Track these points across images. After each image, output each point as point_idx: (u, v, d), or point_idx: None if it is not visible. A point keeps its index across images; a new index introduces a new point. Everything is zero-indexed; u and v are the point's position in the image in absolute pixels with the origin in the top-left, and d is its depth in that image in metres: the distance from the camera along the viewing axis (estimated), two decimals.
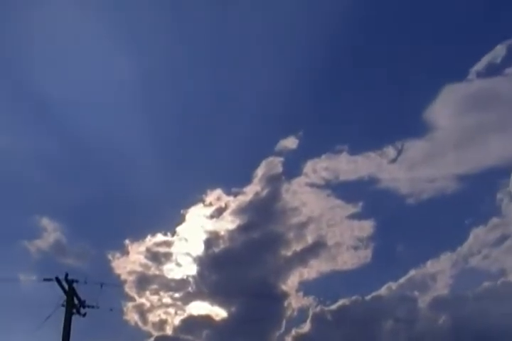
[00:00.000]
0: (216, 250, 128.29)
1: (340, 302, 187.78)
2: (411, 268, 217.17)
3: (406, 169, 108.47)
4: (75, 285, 33.81)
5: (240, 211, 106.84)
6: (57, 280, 33.44)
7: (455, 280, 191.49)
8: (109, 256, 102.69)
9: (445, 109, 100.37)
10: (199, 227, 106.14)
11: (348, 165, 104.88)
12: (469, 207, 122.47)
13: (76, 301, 33.60)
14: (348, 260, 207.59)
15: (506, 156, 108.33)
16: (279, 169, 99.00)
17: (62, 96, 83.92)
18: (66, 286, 33.72)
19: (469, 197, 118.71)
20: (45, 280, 33.27)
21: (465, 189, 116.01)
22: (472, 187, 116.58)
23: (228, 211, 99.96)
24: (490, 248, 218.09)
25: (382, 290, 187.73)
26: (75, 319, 33.49)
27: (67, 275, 33.66)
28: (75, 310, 33.39)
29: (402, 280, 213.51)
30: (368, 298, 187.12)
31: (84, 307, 33.80)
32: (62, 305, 33.35)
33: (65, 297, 33.47)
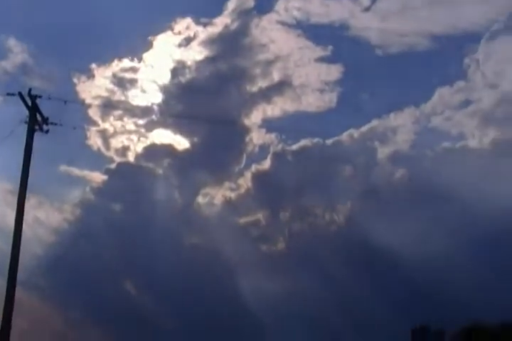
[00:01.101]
0: (182, 80, 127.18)
1: (302, 143, 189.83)
2: (374, 118, 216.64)
3: (379, 20, 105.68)
4: (38, 101, 33.26)
5: (208, 42, 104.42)
6: (21, 95, 32.99)
7: (416, 137, 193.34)
8: (75, 79, 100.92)
9: None
10: (166, 55, 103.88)
11: (320, 8, 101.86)
12: (437, 66, 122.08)
13: (39, 118, 33.23)
14: (312, 102, 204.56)
15: (480, 23, 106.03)
16: (251, 4, 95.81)
17: None
18: (29, 102, 33.18)
19: (438, 57, 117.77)
20: (8, 94, 32.78)
21: (435, 48, 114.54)
22: (442, 47, 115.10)
23: (197, 41, 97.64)
24: (453, 110, 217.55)
25: (344, 136, 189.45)
26: (38, 138, 33.31)
27: (30, 90, 33.18)
28: (37, 127, 33.07)
29: (364, 128, 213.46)
30: (328, 142, 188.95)
31: (47, 124, 33.50)
32: (25, 122, 33.02)
33: (27, 113, 33.04)
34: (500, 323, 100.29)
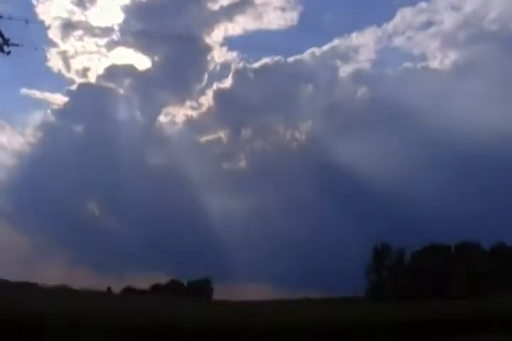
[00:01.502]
0: None
1: (263, 61, 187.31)
2: (335, 36, 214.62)
3: None
4: None
5: None
6: None
7: (377, 56, 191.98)
8: (33, 0, 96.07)
9: None
10: None
11: None
12: None
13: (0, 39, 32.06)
14: (274, 20, 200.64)
15: None
16: None
17: None
18: None
19: None
20: None
21: None
22: None
23: None
24: (415, 31, 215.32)
25: (305, 55, 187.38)
26: None
27: None
28: None
29: (325, 47, 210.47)
30: (290, 60, 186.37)
31: (8, 45, 32.28)
32: None
33: None
34: (460, 243, 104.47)
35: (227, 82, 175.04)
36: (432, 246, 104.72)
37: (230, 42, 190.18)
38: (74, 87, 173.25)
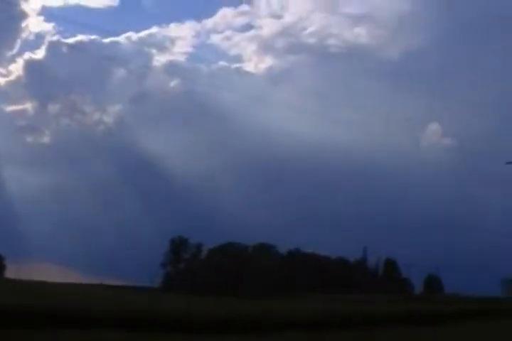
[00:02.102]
0: None
1: (79, 37, 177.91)
2: (155, 24, 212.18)
3: None
4: None
5: None
6: None
7: (193, 51, 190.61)
8: None
9: None
10: None
11: None
12: None
13: None
14: None
15: None
16: None
17: None
18: None
19: None
20: None
21: None
22: None
23: None
24: (234, 31, 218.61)
25: (122, 38, 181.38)
26: None
27: None
28: None
29: (143, 33, 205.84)
30: (106, 41, 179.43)
31: None
32: None
33: None
34: (258, 244, 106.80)
35: (40, 54, 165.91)
36: (229, 244, 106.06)
37: (47, 13, 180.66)
38: None
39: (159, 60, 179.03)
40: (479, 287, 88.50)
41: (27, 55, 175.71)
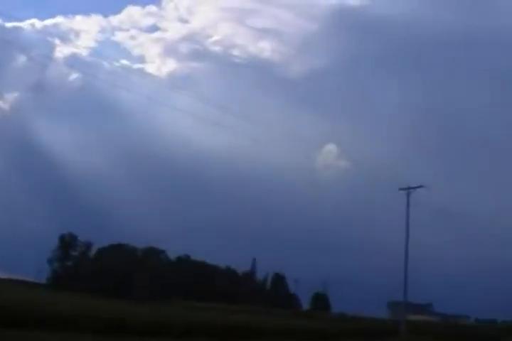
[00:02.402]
0: None
1: None
2: (60, 14, 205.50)
3: None
4: None
5: None
6: None
7: (97, 46, 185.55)
8: None
9: None
10: None
11: None
12: None
13: None
14: None
15: None
16: None
17: None
18: None
19: None
20: None
21: None
22: None
23: None
24: (139, 31, 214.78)
25: (25, 24, 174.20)
26: None
27: None
28: None
29: (48, 22, 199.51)
30: (9, 25, 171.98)
31: None
32: None
33: None
34: (149, 247, 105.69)
35: None
36: (119, 245, 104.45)
37: None
38: None
39: (62, 51, 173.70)
40: (367, 308, 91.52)
41: None
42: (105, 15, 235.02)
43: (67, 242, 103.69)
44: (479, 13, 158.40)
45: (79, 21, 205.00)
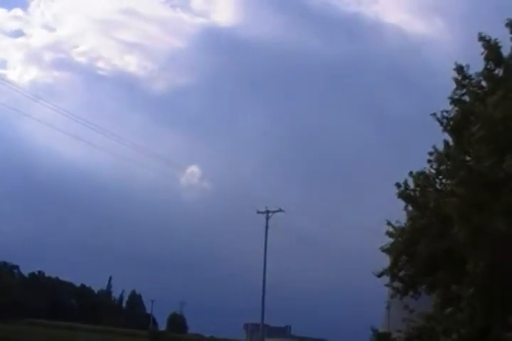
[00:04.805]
0: None
1: None
2: None
3: None
4: None
5: None
6: None
7: None
8: None
9: None
10: None
11: None
12: None
13: None
14: None
15: None
16: None
17: None
18: None
19: None
20: None
21: None
22: None
23: None
24: (3, 35, 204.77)
25: None
26: None
27: None
28: None
29: None
30: None
31: None
32: None
33: None
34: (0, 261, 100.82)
35: None
36: None
37: None
38: None
39: None
40: (225, 330, 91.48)
41: None
42: None
43: None
44: (346, 38, 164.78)
45: None
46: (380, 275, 22.08)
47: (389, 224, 21.84)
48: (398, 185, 21.41)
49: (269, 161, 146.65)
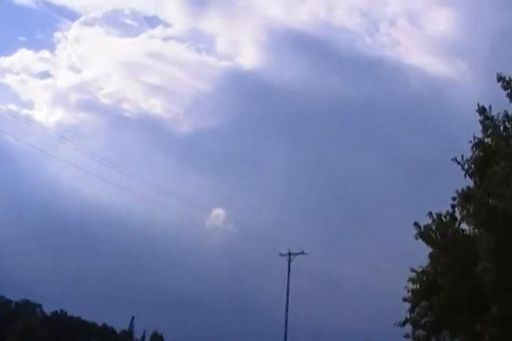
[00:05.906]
0: None
1: None
2: None
3: None
4: None
5: None
6: None
7: None
8: None
9: None
10: None
11: None
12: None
13: None
14: None
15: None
16: None
17: None
18: None
19: None
20: None
21: None
22: None
23: None
24: (30, 75, 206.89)
25: None
26: None
27: None
28: None
29: None
30: None
31: None
32: None
33: None
34: (22, 300, 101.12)
35: None
36: None
37: None
38: None
39: None
40: None
41: None
42: None
43: None
44: (371, 81, 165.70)
45: None
46: (403, 324, 21.55)
47: (413, 270, 21.59)
48: (417, 226, 21.06)
49: (292, 203, 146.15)
